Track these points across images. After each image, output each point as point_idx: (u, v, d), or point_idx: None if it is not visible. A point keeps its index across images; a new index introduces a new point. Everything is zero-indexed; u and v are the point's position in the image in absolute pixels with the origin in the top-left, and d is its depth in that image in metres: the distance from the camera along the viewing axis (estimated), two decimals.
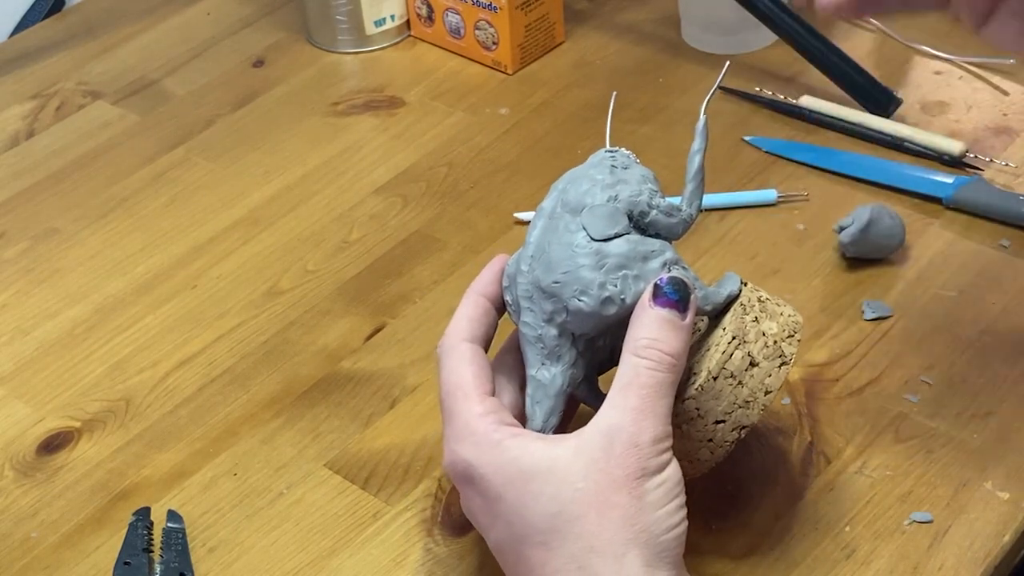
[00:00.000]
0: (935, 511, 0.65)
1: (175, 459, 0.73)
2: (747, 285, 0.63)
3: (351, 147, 0.96)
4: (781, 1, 0.94)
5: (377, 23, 1.06)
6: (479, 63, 1.03)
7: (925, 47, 0.98)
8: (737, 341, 0.60)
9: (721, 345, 0.60)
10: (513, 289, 0.61)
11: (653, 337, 0.57)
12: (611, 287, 0.58)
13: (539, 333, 0.60)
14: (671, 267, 0.59)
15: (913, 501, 0.66)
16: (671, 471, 0.56)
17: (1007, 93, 0.94)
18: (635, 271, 0.59)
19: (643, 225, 0.60)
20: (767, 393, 0.60)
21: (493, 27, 1.01)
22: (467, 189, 0.91)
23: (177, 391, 0.78)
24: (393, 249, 0.86)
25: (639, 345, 0.57)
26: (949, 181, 0.84)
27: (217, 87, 1.05)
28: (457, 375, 0.60)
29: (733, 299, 0.62)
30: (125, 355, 0.80)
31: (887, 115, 0.91)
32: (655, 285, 0.58)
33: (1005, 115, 0.91)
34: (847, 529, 0.65)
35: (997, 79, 0.95)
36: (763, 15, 0.95)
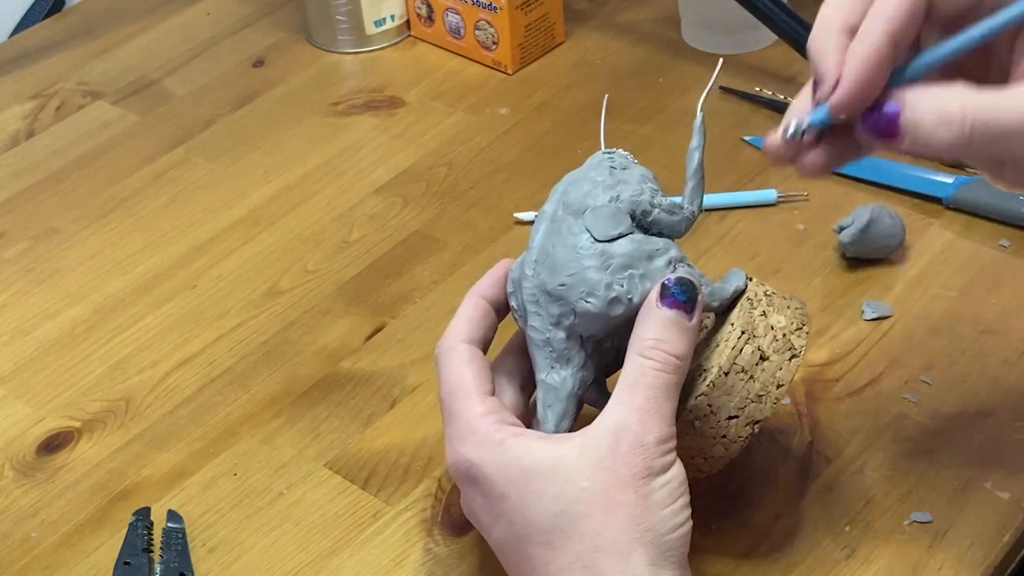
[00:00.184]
0: (935, 511, 0.65)
1: (175, 459, 0.73)
2: (752, 280, 0.63)
3: (351, 147, 0.96)
4: (781, 1, 0.94)
5: (377, 23, 1.06)
6: (479, 63, 1.03)
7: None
8: (746, 336, 0.60)
9: (731, 340, 0.60)
10: (518, 294, 0.61)
11: (660, 338, 0.57)
12: (618, 287, 0.58)
13: (547, 336, 0.60)
14: (676, 265, 0.59)
15: (913, 501, 0.66)
16: (675, 471, 0.56)
17: None
18: (641, 270, 0.58)
19: (646, 224, 0.60)
20: (779, 386, 0.60)
21: (493, 27, 1.01)
22: (467, 189, 0.91)
23: (177, 391, 0.78)
24: (393, 249, 0.86)
25: (645, 346, 0.57)
26: (949, 181, 0.84)
27: (217, 87, 1.05)
28: (458, 375, 0.60)
29: (739, 295, 0.62)
30: (125, 355, 0.80)
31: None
32: (663, 285, 0.58)
33: None
34: (847, 529, 0.65)
35: None
36: (763, 15, 0.95)
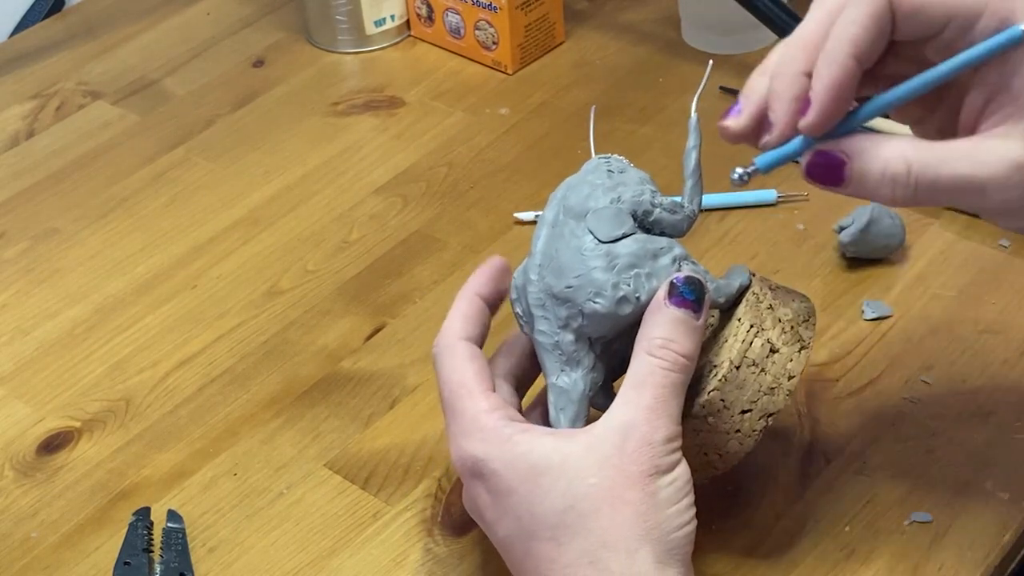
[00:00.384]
0: (935, 511, 0.65)
1: (175, 459, 0.73)
2: (755, 275, 0.63)
3: (351, 147, 0.96)
4: (781, 1, 0.94)
5: (377, 23, 1.06)
6: (479, 63, 1.03)
7: None
8: (755, 329, 0.60)
9: (740, 334, 0.60)
10: (523, 300, 0.61)
11: (668, 337, 0.57)
12: (625, 286, 0.58)
13: (556, 340, 0.59)
14: (681, 263, 0.59)
15: (913, 501, 0.66)
16: (681, 470, 0.56)
17: None
18: (647, 269, 0.59)
19: (648, 225, 0.60)
20: (790, 378, 0.60)
21: (493, 27, 1.00)
22: (467, 189, 0.91)
23: (177, 391, 0.78)
24: (393, 249, 0.86)
25: (654, 344, 0.57)
26: None
27: (217, 87, 1.05)
28: (460, 373, 0.60)
29: (744, 290, 0.62)
30: (125, 355, 0.80)
31: (886, 115, 0.91)
32: (671, 283, 0.58)
33: None
34: (847, 529, 0.65)
35: None
36: (763, 15, 0.95)
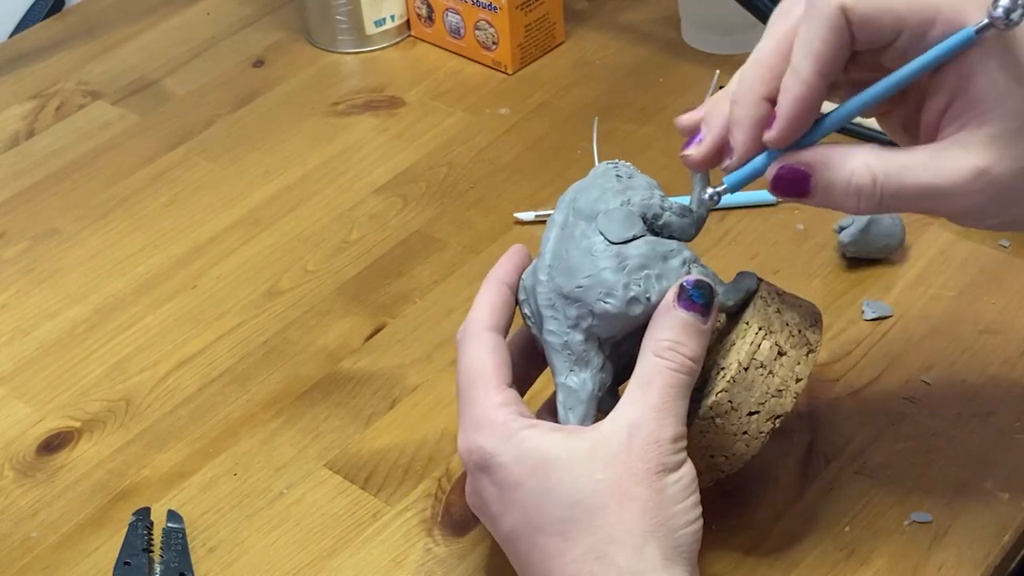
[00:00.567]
0: (935, 511, 0.65)
1: (175, 459, 0.73)
2: (763, 280, 0.63)
3: (351, 147, 0.96)
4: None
5: (377, 23, 1.06)
6: (479, 63, 1.03)
7: None
8: (763, 332, 0.60)
9: (748, 337, 0.60)
10: (532, 301, 0.61)
11: (675, 340, 0.57)
12: (635, 287, 0.58)
13: (565, 340, 0.60)
14: (690, 265, 0.60)
15: (913, 501, 0.66)
16: (687, 469, 0.56)
17: None
18: (657, 270, 0.59)
19: (657, 228, 0.61)
20: (798, 381, 0.61)
21: (493, 27, 1.01)
22: (467, 189, 0.91)
23: (177, 391, 0.78)
24: (393, 249, 0.86)
25: (661, 346, 0.57)
26: None
27: (217, 87, 1.05)
28: (480, 362, 0.59)
29: (751, 295, 0.62)
30: (125, 355, 0.80)
31: None
32: (681, 286, 0.58)
33: None
34: (847, 529, 0.65)
35: None
36: (763, 15, 0.94)
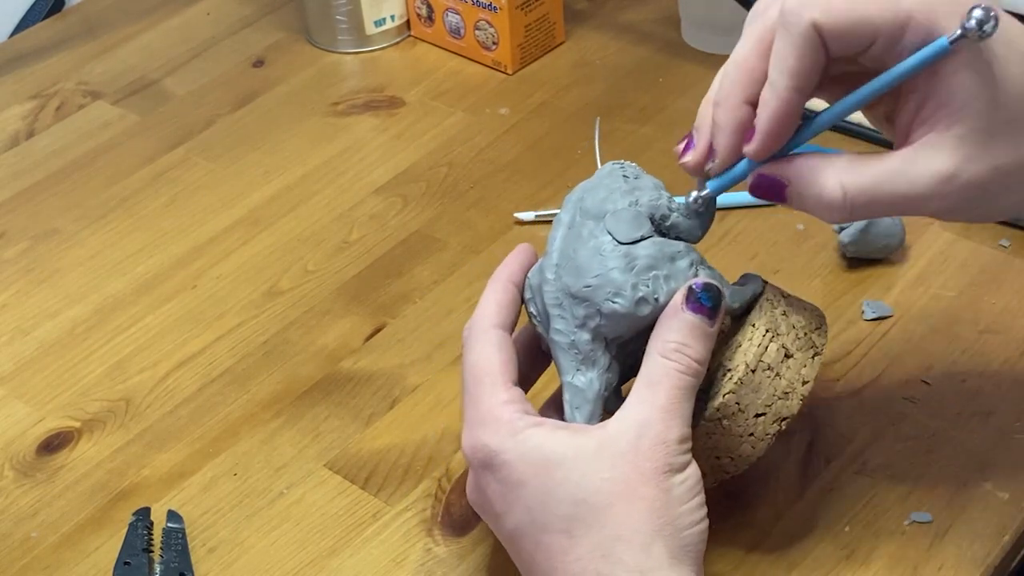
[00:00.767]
0: (935, 511, 0.65)
1: (175, 459, 0.73)
2: (768, 283, 0.63)
3: (351, 147, 0.96)
4: None
5: (377, 23, 1.06)
6: (479, 63, 1.03)
7: None
8: (771, 334, 0.61)
9: (755, 339, 0.60)
10: (538, 299, 0.61)
11: (683, 342, 0.57)
12: (643, 287, 0.58)
13: (572, 339, 0.60)
14: (698, 267, 0.60)
15: (913, 501, 0.66)
16: (693, 470, 0.57)
17: None
18: (665, 271, 0.59)
19: (664, 229, 0.61)
20: (804, 383, 0.61)
21: (493, 27, 1.01)
22: (467, 189, 0.91)
23: (177, 391, 0.78)
24: (393, 249, 0.86)
25: (668, 348, 0.57)
26: None
27: (217, 87, 1.05)
28: (487, 360, 0.59)
29: (757, 297, 0.63)
30: (125, 355, 0.80)
31: None
32: (689, 288, 0.58)
33: None
34: (847, 529, 0.65)
35: None
36: None
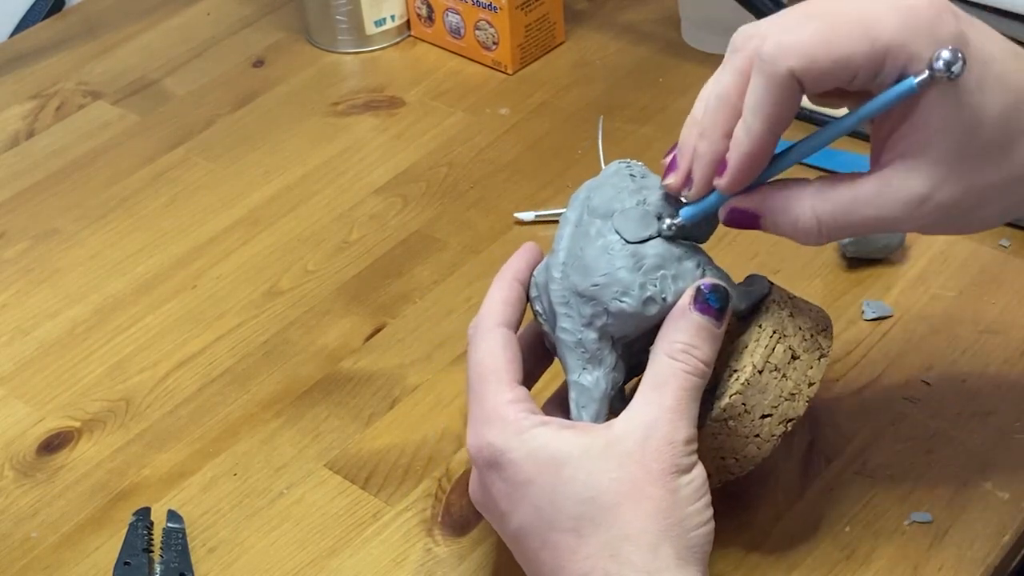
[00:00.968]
0: (935, 511, 0.65)
1: (175, 459, 0.73)
2: (774, 285, 0.63)
3: (351, 147, 0.96)
4: (781, 1, 0.94)
5: (377, 23, 1.06)
6: (479, 63, 1.03)
7: None
8: (777, 335, 0.61)
9: (762, 340, 0.60)
10: (544, 298, 0.61)
11: (690, 343, 0.57)
12: (651, 287, 0.58)
13: (579, 338, 0.60)
14: (705, 267, 0.60)
15: (913, 501, 0.66)
16: (699, 471, 0.57)
17: None
18: (673, 271, 0.59)
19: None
20: (810, 385, 0.61)
21: (493, 27, 1.01)
22: (467, 189, 0.91)
23: (177, 391, 0.78)
24: (393, 249, 0.86)
25: (675, 348, 0.57)
26: None
27: (217, 87, 1.05)
28: (493, 358, 0.59)
29: (763, 298, 0.63)
30: (125, 355, 0.80)
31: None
32: (697, 289, 0.58)
33: None
34: (847, 529, 0.65)
35: None
36: (763, 15, 0.94)
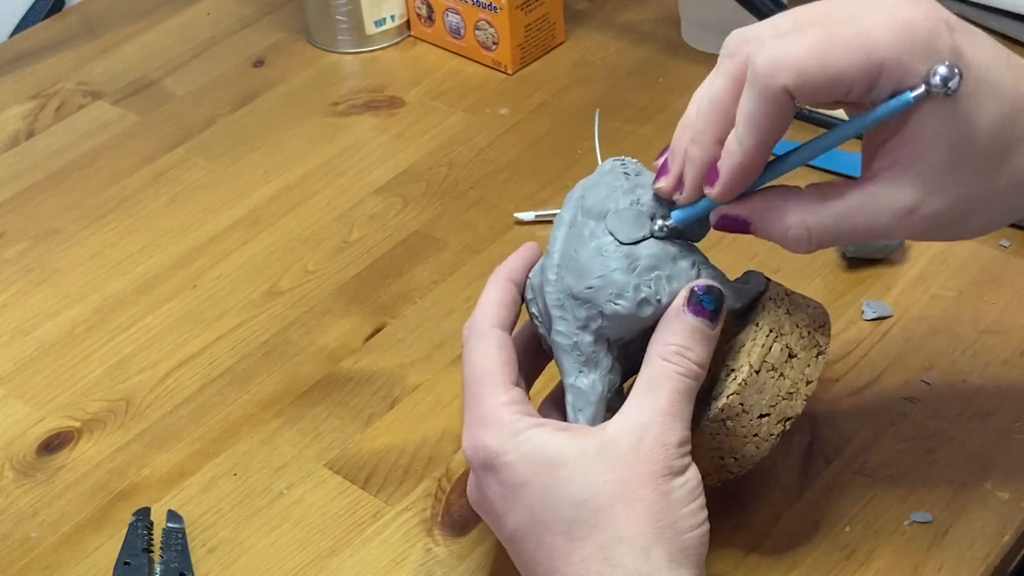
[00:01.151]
0: (935, 511, 0.65)
1: (175, 459, 0.73)
2: (770, 281, 0.63)
3: (351, 147, 0.96)
4: (781, 1, 0.94)
5: (377, 23, 1.06)
6: (479, 63, 1.03)
7: None
8: (774, 334, 0.60)
9: (759, 339, 0.60)
10: (539, 300, 0.61)
11: (684, 344, 0.57)
12: (646, 288, 0.58)
13: (574, 341, 0.59)
14: (700, 266, 0.60)
15: (913, 501, 0.66)
16: (693, 473, 0.57)
17: None
18: (667, 271, 0.59)
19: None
20: (808, 383, 0.61)
21: (493, 27, 1.01)
22: (467, 189, 0.91)
23: (177, 391, 0.78)
24: (393, 249, 0.86)
25: (669, 351, 0.57)
26: None
27: (217, 87, 1.05)
28: (488, 360, 0.59)
29: (759, 295, 0.62)
30: (125, 355, 0.80)
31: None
32: (691, 291, 0.58)
33: None
34: (847, 529, 0.65)
35: None
36: (763, 15, 0.94)
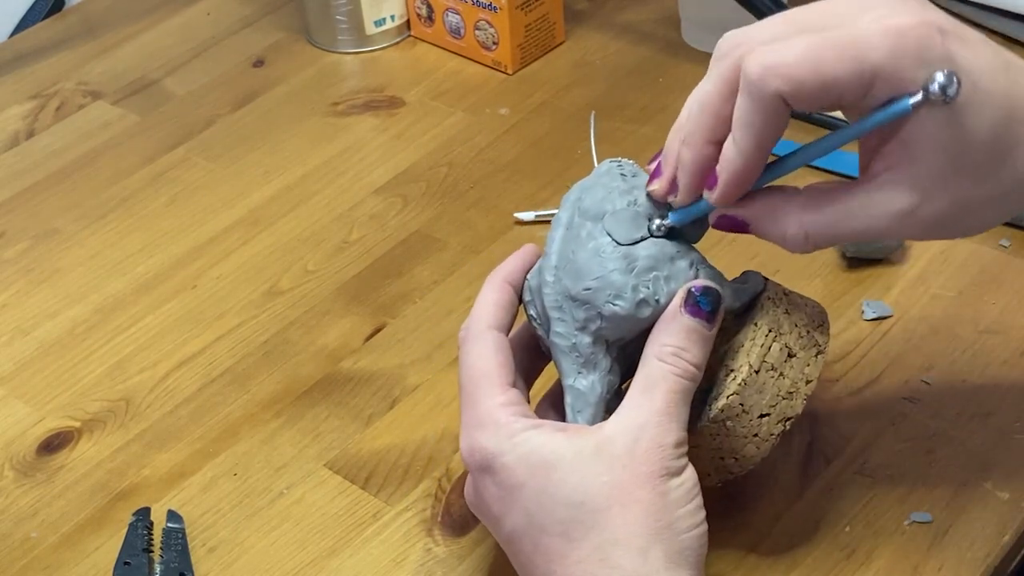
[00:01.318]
0: (935, 511, 0.65)
1: (175, 459, 0.73)
2: (769, 280, 0.63)
3: (351, 147, 0.96)
4: (781, 1, 0.94)
5: (377, 23, 1.06)
6: (479, 63, 1.03)
7: None
8: (773, 334, 0.60)
9: (758, 339, 0.60)
10: (537, 301, 0.61)
11: (680, 346, 0.57)
12: (644, 289, 0.58)
13: (573, 342, 0.59)
14: (698, 266, 0.60)
15: (913, 501, 0.66)
16: (689, 473, 0.57)
17: None
18: (665, 272, 0.59)
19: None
20: (808, 383, 0.61)
21: (493, 27, 1.01)
22: (467, 189, 0.91)
23: (177, 391, 0.78)
24: (393, 249, 0.86)
25: (665, 351, 0.57)
26: None
27: (217, 87, 1.05)
28: (484, 361, 0.59)
29: (757, 295, 0.62)
30: (125, 355, 0.80)
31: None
32: (688, 291, 0.58)
33: None
34: (847, 529, 0.65)
35: None
36: (763, 15, 0.94)
